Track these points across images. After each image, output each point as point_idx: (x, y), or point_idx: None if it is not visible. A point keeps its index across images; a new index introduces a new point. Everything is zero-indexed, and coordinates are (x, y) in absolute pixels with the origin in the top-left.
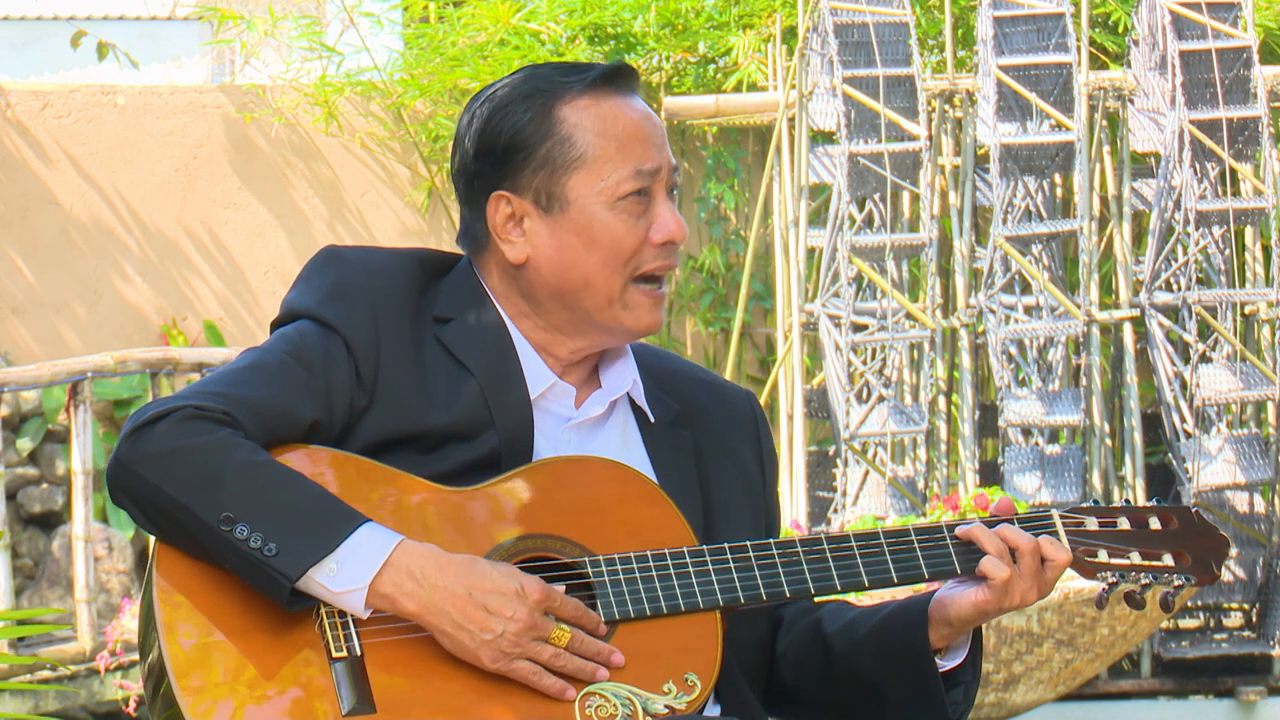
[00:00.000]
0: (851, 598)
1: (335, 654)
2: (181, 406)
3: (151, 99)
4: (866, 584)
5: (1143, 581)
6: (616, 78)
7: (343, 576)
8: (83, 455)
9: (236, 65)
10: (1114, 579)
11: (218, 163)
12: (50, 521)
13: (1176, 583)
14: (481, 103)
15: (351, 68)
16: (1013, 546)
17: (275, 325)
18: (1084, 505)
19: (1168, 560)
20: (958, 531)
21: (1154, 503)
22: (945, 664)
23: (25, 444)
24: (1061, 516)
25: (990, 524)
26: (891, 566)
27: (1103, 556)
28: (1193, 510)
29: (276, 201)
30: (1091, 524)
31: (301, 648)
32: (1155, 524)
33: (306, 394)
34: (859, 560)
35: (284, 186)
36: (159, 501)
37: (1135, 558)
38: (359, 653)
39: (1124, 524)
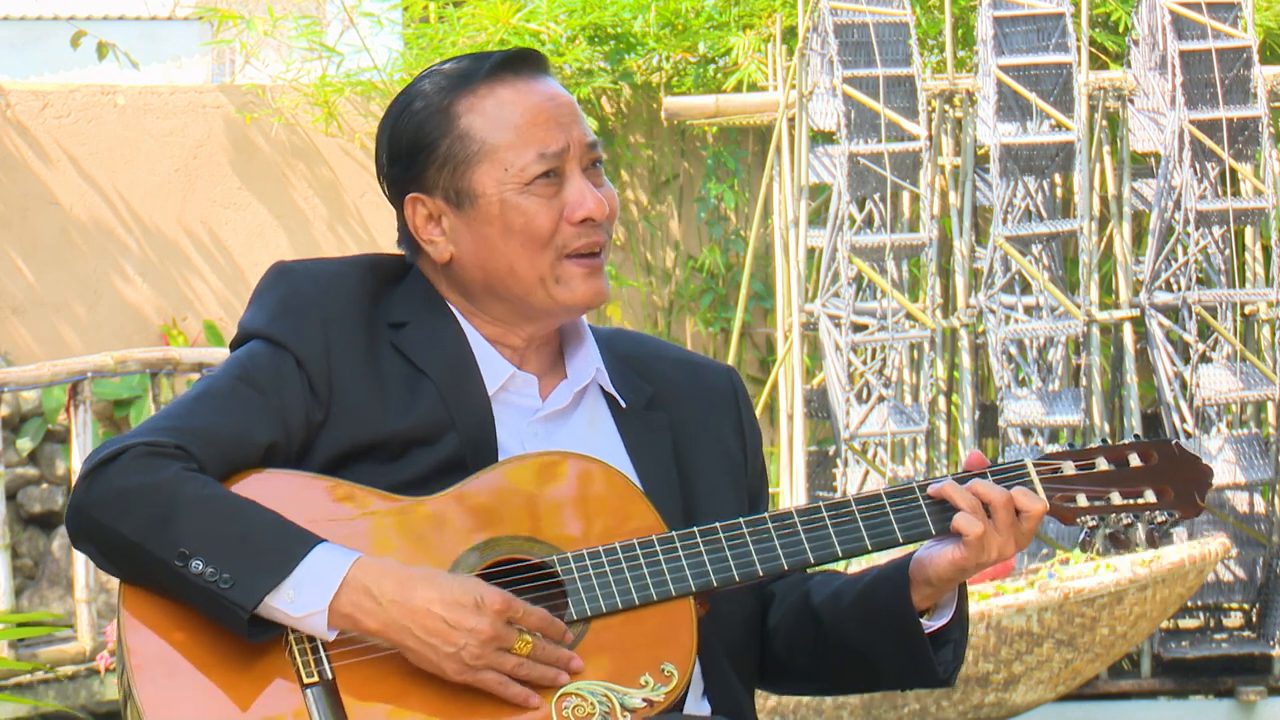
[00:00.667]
0: (839, 565)
1: (307, 680)
2: (133, 445)
3: (151, 99)
4: (840, 554)
5: (1124, 522)
6: (517, 62)
7: (301, 601)
8: (83, 455)
9: (236, 65)
10: (1094, 522)
11: (218, 163)
12: (50, 521)
13: (1160, 518)
14: (392, 105)
15: (351, 68)
16: (985, 501)
17: (231, 347)
18: (1061, 450)
19: (1150, 497)
20: (929, 490)
21: (1133, 439)
22: (932, 624)
23: (25, 444)
24: (1035, 464)
25: (962, 479)
26: (865, 534)
27: (1081, 501)
28: (1173, 442)
29: (276, 202)
30: (1068, 468)
31: (273, 676)
32: (1135, 460)
33: (260, 416)
34: (831, 530)
35: (284, 187)
36: (117, 543)
37: (1115, 498)
38: (330, 677)
39: (1102, 464)
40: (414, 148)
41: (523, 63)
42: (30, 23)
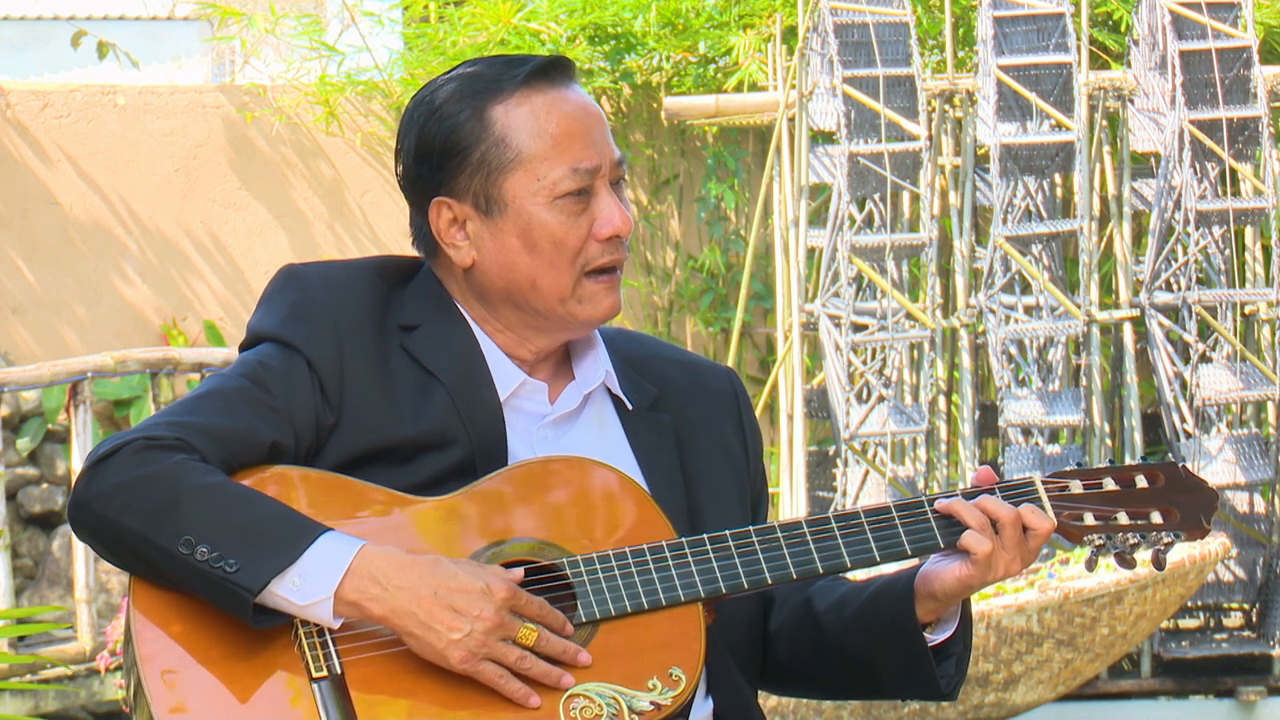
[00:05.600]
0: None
1: (315, 674)
2: (133, 439)
3: (151, 99)
4: (849, 564)
5: (1130, 541)
6: (551, 70)
7: (307, 589)
8: (83, 455)
9: (237, 65)
10: (1101, 541)
11: (218, 163)
12: (50, 521)
13: (1166, 540)
14: (418, 104)
15: (352, 67)
16: (994, 518)
17: (241, 349)
18: (1068, 469)
19: (1156, 518)
20: (937, 505)
21: (1140, 460)
22: (935, 637)
23: (25, 444)
24: (1044, 482)
25: (971, 495)
26: (874, 545)
27: (1089, 520)
28: (1179, 465)
29: (276, 201)
30: (1076, 487)
31: (282, 669)
32: (1142, 482)
33: (264, 416)
34: (840, 541)
35: (284, 186)
36: (119, 535)
37: (1122, 518)
38: (339, 671)
39: (1109, 485)
40: (446, 151)
41: (558, 70)
42: (30, 23)
